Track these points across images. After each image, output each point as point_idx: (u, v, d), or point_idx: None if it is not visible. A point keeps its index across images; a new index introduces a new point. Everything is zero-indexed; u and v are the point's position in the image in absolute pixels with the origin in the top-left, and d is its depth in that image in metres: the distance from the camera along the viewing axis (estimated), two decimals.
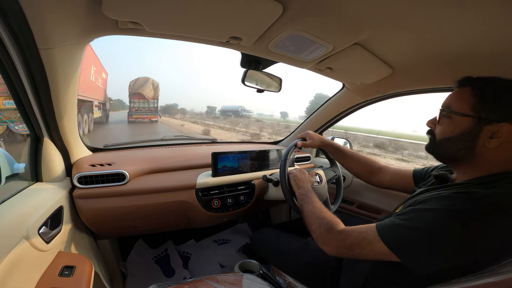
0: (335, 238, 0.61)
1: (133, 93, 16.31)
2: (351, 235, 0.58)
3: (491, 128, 0.50)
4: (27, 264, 0.58)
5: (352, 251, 0.57)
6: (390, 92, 1.15)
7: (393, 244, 0.51)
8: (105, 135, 9.77)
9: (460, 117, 0.54)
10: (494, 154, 0.51)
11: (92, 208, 0.86)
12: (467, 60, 0.72)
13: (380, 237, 0.53)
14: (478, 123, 0.51)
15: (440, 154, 0.61)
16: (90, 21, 0.59)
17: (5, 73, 0.58)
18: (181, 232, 1.55)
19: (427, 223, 0.49)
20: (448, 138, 0.56)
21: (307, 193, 0.81)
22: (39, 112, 0.70)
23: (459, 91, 0.57)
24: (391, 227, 0.53)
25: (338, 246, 0.60)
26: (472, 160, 0.54)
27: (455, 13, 0.52)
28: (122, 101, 42.94)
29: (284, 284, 0.90)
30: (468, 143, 0.53)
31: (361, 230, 0.57)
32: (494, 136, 0.50)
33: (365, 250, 0.55)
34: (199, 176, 1.03)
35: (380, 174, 0.94)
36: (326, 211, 0.71)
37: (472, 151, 0.53)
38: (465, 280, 0.47)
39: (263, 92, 1.08)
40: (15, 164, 0.73)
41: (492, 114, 0.50)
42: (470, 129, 0.52)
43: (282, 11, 0.55)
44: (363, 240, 0.55)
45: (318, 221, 0.67)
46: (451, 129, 0.56)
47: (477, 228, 0.45)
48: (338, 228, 0.62)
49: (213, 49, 53.64)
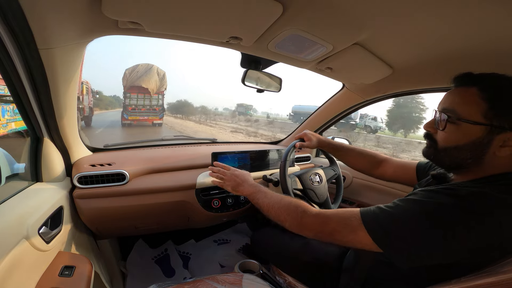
0: (312, 221, 0.57)
1: (129, 86, 12.09)
2: (332, 220, 0.54)
3: (503, 137, 0.46)
4: (27, 264, 0.58)
5: (332, 236, 0.54)
6: (390, 92, 1.14)
7: (375, 233, 0.48)
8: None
9: (469, 125, 0.48)
10: (501, 161, 0.48)
11: (92, 208, 0.86)
12: (467, 60, 0.72)
13: (363, 225, 0.50)
14: (490, 131, 0.46)
15: (444, 162, 0.55)
16: (90, 21, 0.59)
17: (5, 73, 0.58)
18: (181, 232, 1.55)
19: (406, 213, 0.47)
20: (455, 147, 0.51)
21: (254, 188, 0.75)
22: (39, 112, 0.70)
23: (464, 93, 0.51)
24: (375, 214, 0.51)
25: (318, 231, 0.56)
26: (477, 168, 0.50)
27: (455, 13, 0.52)
28: (119, 98, 36.92)
29: (284, 284, 0.90)
30: (478, 152, 0.48)
31: (344, 216, 0.54)
32: (505, 144, 0.46)
33: (347, 237, 0.52)
34: (199, 176, 1.03)
35: (383, 167, 0.91)
36: (286, 196, 0.67)
37: (481, 159, 0.49)
38: (465, 280, 0.47)
39: (263, 92, 1.08)
40: (15, 164, 0.73)
41: (505, 121, 0.45)
42: (481, 138, 0.47)
43: (282, 11, 0.55)
44: (346, 227, 0.52)
45: (285, 209, 0.63)
46: (459, 137, 0.50)
47: (453, 225, 0.43)
48: (312, 211, 0.58)
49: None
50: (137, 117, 12.14)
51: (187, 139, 1.50)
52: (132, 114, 12.06)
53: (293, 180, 0.97)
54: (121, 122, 12.16)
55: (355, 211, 0.54)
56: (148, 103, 12.35)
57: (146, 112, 12.38)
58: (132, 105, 12.06)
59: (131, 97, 12.04)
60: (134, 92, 12.15)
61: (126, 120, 11.91)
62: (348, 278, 0.75)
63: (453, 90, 0.54)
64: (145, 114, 12.35)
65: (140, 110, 12.22)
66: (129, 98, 12.01)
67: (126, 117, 11.92)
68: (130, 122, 12.06)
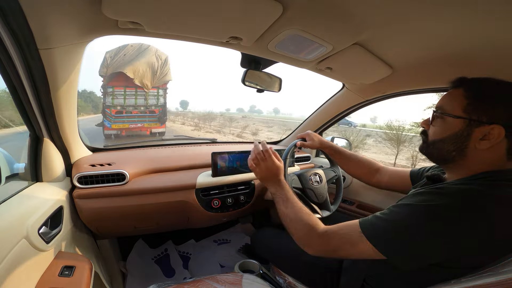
0: (316, 241, 0.59)
1: (112, 76, 7.43)
2: (334, 238, 0.57)
3: (482, 130, 0.50)
4: (27, 264, 0.58)
5: (336, 253, 0.57)
6: (390, 92, 1.15)
7: (375, 240, 0.51)
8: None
9: (452, 118, 0.54)
10: (484, 155, 0.52)
11: (92, 208, 0.86)
12: (467, 60, 0.72)
13: (365, 236, 0.52)
14: (469, 124, 0.51)
15: (433, 155, 0.60)
16: (90, 21, 0.59)
17: (5, 73, 0.58)
18: (181, 232, 1.55)
19: (401, 217, 0.50)
20: (441, 139, 0.56)
21: (277, 190, 0.74)
22: (39, 112, 0.70)
23: (452, 92, 0.57)
24: (372, 223, 0.54)
25: (321, 250, 0.59)
26: (463, 161, 0.54)
27: (455, 13, 0.52)
28: (92, 94, 24.30)
29: (284, 284, 0.90)
30: (459, 144, 0.53)
31: (343, 232, 0.56)
32: (485, 138, 0.50)
33: (350, 251, 0.55)
34: (199, 176, 1.03)
35: (379, 175, 0.94)
36: (301, 209, 0.67)
37: (463, 152, 0.53)
38: (465, 280, 0.47)
39: (263, 92, 1.08)
40: (15, 164, 0.73)
41: (483, 115, 0.50)
42: (461, 130, 0.52)
43: (282, 11, 0.55)
44: (347, 243, 0.55)
45: (297, 223, 0.64)
46: (444, 130, 0.56)
47: (445, 223, 0.46)
48: (318, 231, 0.60)
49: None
50: (126, 124, 7.70)
51: (187, 139, 1.50)
52: (118, 120, 7.57)
53: (293, 179, 0.97)
54: (103, 133, 7.76)
55: (354, 225, 0.56)
56: (142, 102, 7.91)
57: (139, 117, 7.94)
58: (117, 106, 7.57)
59: (116, 93, 7.46)
60: (120, 85, 7.45)
61: (110, 129, 7.55)
62: (348, 278, 0.75)
63: (446, 92, 0.60)
64: (139, 119, 7.95)
65: (130, 113, 7.75)
66: (111, 95, 7.44)
67: (108, 125, 7.49)
68: (117, 133, 7.74)
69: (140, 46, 8.02)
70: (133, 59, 7.68)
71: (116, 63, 7.59)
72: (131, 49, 7.89)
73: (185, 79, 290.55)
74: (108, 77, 7.60)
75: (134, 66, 7.48)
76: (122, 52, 7.78)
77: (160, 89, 8.22)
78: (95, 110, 23.59)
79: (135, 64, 7.53)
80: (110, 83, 7.59)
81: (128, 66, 7.46)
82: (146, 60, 7.78)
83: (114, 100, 7.61)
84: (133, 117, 7.90)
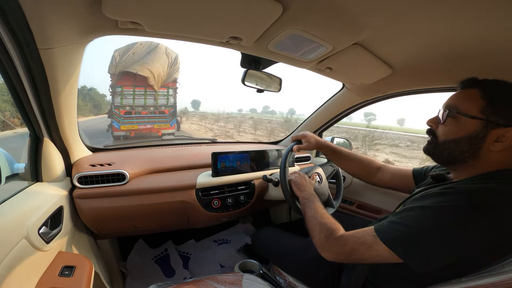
0: (333, 244, 0.60)
1: (120, 75, 7.39)
2: (349, 240, 0.57)
3: (497, 132, 0.50)
4: (27, 264, 0.58)
5: (351, 256, 0.57)
6: (390, 92, 1.15)
7: (392, 243, 0.51)
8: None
9: (467, 118, 0.52)
10: (496, 156, 0.51)
11: (92, 208, 0.86)
12: (467, 60, 0.73)
13: (379, 239, 0.53)
14: (486, 126, 0.51)
15: (442, 156, 0.59)
16: (90, 21, 0.59)
17: (5, 73, 0.58)
18: (181, 232, 1.55)
19: (418, 221, 0.50)
20: (453, 139, 0.55)
21: (310, 197, 0.80)
22: (39, 112, 0.70)
23: (466, 92, 0.55)
24: (388, 227, 0.53)
25: (337, 252, 0.59)
26: (474, 162, 0.54)
27: (454, 13, 0.52)
28: (98, 94, 23.90)
29: (284, 284, 0.90)
30: (474, 145, 0.52)
31: (358, 235, 0.57)
32: (499, 140, 0.50)
33: (365, 254, 0.55)
34: (199, 176, 1.03)
35: (380, 174, 0.93)
36: (328, 216, 0.69)
37: (477, 153, 0.52)
38: (465, 280, 0.47)
39: (263, 92, 1.08)
40: (15, 164, 0.73)
41: (500, 118, 0.50)
42: (477, 131, 0.51)
43: (282, 11, 0.55)
44: (362, 245, 0.55)
45: (319, 227, 0.66)
46: (457, 130, 0.54)
47: (464, 224, 0.46)
48: (336, 234, 0.61)
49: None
50: (135, 126, 7.61)
51: (187, 139, 1.50)
52: (126, 121, 7.48)
53: None
54: (112, 134, 7.66)
55: (369, 229, 0.57)
56: (152, 102, 7.77)
57: (149, 117, 7.82)
58: (127, 106, 7.45)
59: (125, 92, 7.35)
60: (129, 85, 7.38)
61: (119, 130, 7.43)
62: (349, 278, 0.75)
63: (457, 92, 0.58)
64: (149, 120, 7.82)
65: (139, 113, 7.67)
66: (120, 94, 7.31)
67: (117, 126, 7.39)
68: (126, 134, 7.57)
69: (149, 44, 7.81)
70: (142, 57, 7.58)
71: (125, 62, 7.50)
72: (140, 47, 7.69)
73: (196, 78, 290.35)
74: (117, 76, 7.50)
75: (144, 66, 7.41)
76: (131, 51, 7.61)
77: (170, 89, 8.10)
78: (102, 111, 22.19)
79: (145, 63, 7.46)
80: (118, 83, 7.48)
81: (138, 65, 7.39)
82: (158, 59, 7.69)
83: (123, 100, 7.50)
84: (142, 118, 7.80)
